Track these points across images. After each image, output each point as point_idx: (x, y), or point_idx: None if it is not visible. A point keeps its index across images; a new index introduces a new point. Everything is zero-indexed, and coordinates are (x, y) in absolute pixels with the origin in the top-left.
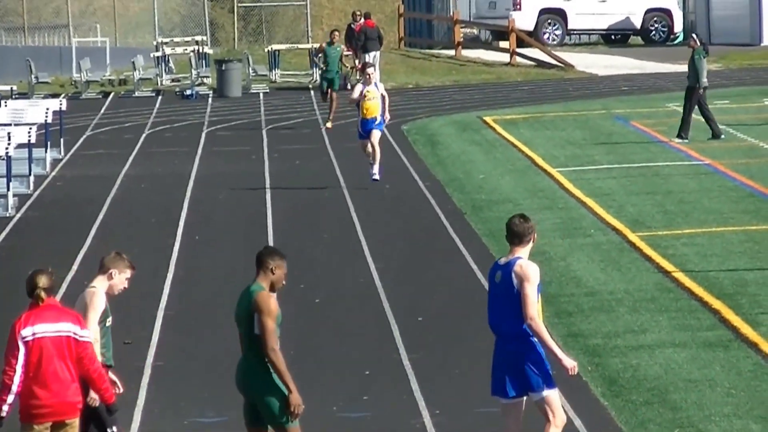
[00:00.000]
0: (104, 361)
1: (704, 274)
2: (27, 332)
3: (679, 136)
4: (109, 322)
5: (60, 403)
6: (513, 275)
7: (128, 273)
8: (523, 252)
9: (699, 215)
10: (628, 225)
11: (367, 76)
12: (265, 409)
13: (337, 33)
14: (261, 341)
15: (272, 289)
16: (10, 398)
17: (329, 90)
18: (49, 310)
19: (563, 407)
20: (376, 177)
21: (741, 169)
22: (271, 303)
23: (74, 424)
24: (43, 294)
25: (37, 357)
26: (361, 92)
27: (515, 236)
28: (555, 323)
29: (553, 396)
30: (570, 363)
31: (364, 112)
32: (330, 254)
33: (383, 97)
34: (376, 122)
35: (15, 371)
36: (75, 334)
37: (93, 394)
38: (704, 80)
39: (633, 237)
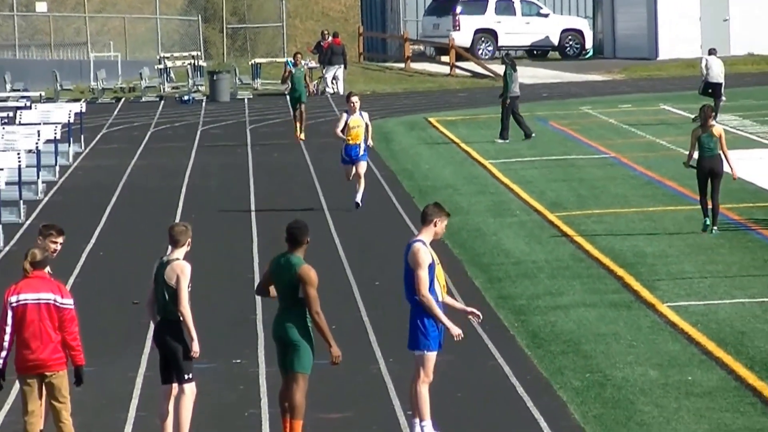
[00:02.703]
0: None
1: (610, 247)
2: (13, 299)
3: (501, 137)
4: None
5: (39, 359)
6: (407, 256)
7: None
8: (425, 234)
9: (606, 199)
10: (548, 207)
11: (351, 105)
12: (295, 355)
13: (299, 55)
14: (305, 304)
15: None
16: (3, 353)
17: (299, 104)
18: (36, 280)
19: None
20: (359, 202)
21: (641, 161)
22: (313, 275)
23: (58, 375)
24: (28, 266)
25: (20, 320)
26: (346, 122)
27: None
28: (488, 287)
29: (429, 357)
30: (456, 331)
31: (348, 138)
32: None
33: (367, 126)
34: (360, 151)
35: (5, 332)
36: (55, 301)
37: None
38: (514, 91)
39: (552, 216)
